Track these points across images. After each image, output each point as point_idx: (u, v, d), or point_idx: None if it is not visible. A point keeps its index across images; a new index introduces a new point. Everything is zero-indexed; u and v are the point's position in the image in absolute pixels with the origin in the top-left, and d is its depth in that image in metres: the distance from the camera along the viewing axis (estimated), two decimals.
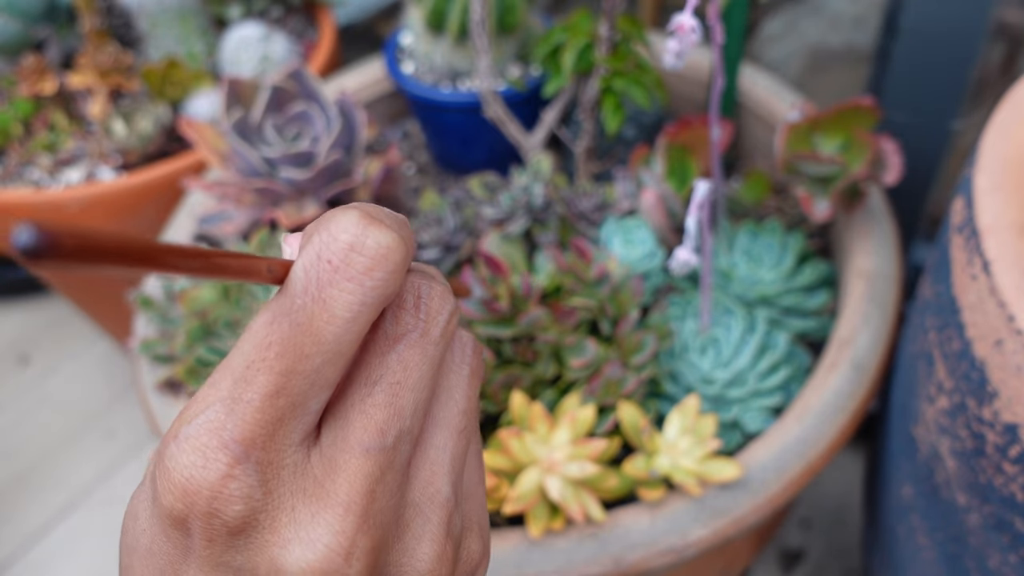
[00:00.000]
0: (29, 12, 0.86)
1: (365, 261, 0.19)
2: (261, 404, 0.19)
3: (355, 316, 0.19)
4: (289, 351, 0.19)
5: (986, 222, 0.41)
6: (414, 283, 0.22)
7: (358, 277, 0.19)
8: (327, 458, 0.20)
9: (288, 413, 0.19)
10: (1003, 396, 0.38)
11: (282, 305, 0.19)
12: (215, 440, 0.19)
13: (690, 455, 0.48)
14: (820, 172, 0.56)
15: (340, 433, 0.20)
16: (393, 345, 0.21)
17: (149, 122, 0.81)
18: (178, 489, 0.19)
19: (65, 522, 0.96)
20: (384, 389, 0.20)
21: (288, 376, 0.19)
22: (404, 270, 0.20)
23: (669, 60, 0.41)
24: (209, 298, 0.57)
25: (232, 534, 0.19)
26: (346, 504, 0.19)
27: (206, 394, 0.19)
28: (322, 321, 0.19)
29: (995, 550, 0.41)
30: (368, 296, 0.19)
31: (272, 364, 0.19)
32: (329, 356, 0.19)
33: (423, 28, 0.68)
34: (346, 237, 0.19)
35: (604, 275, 0.54)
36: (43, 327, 1.17)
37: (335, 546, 0.19)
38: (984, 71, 0.85)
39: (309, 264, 0.19)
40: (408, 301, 0.21)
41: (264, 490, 0.19)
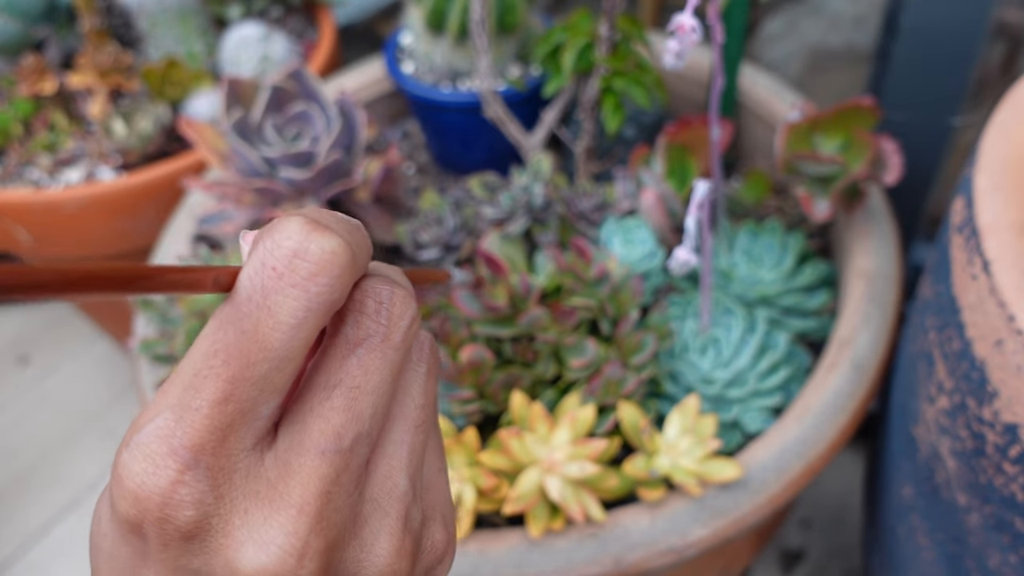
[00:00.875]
0: (29, 12, 0.86)
1: (309, 267, 0.19)
2: (209, 411, 0.19)
3: (300, 322, 0.19)
4: (235, 358, 0.19)
5: (986, 222, 0.41)
6: (375, 287, 0.22)
7: (302, 283, 0.19)
8: (282, 461, 0.20)
9: (238, 419, 0.19)
10: (1003, 396, 0.38)
11: (228, 313, 0.19)
12: (164, 447, 0.19)
13: (690, 455, 0.48)
14: (820, 172, 0.56)
15: (297, 437, 0.20)
16: (353, 349, 0.21)
17: (149, 122, 0.81)
18: (131, 496, 0.19)
19: (65, 522, 0.96)
20: (343, 393, 0.21)
21: (235, 383, 0.19)
22: (351, 275, 0.20)
23: (669, 60, 0.41)
24: (209, 298, 0.57)
25: (186, 539, 0.19)
26: (299, 506, 0.19)
27: (156, 402, 0.20)
28: (268, 327, 0.19)
29: (995, 550, 0.41)
30: (313, 302, 0.19)
31: (219, 371, 0.19)
32: (276, 362, 0.19)
33: (423, 28, 0.68)
34: (290, 244, 0.19)
35: (604, 275, 0.54)
36: (43, 327, 1.17)
37: (287, 547, 0.19)
38: (984, 71, 0.85)
39: (254, 272, 0.19)
40: (369, 306, 0.21)
41: (216, 495, 0.19)
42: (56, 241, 0.81)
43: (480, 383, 0.51)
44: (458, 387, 0.52)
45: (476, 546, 0.48)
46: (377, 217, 0.66)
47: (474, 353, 0.50)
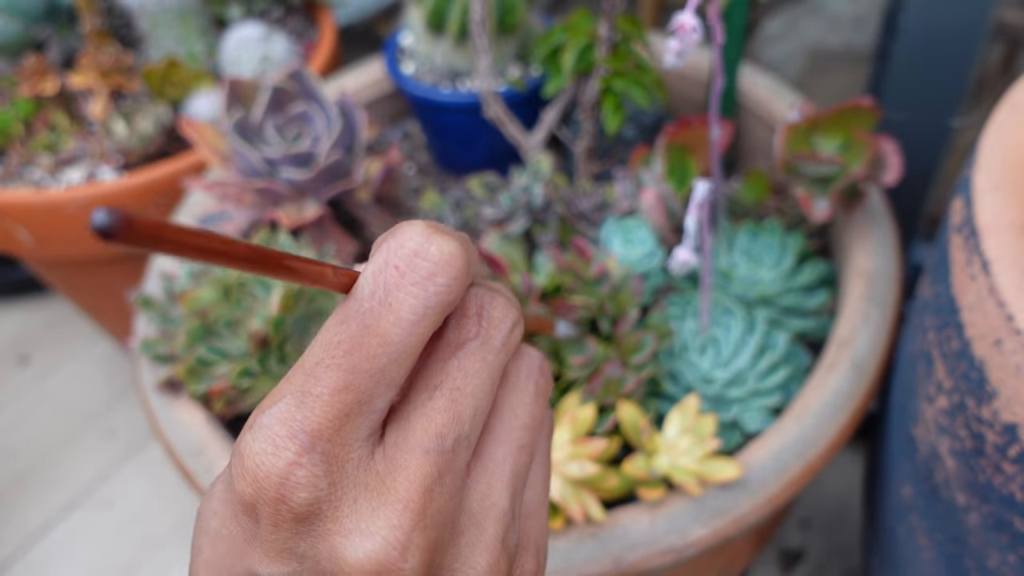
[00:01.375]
0: (30, 12, 0.86)
1: (429, 266, 0.20)
2: (329, 398, 0.20)
3: (419, 319, 0.20)
4: (356, 350, 0.20)
5: (985, 222, 0.41)
6: (477, 294, 0.23)
7: (422, 282, 0.20)
8: (389, 457, 0.21)
9: (354, 409, 0.20)
10: (1002, 396, 0.38)
11: (351, 308, 0.20)
12: (285, 430, 0.20)
13: (690, 455, 0.48)
14: (820, 172, 0.57)
15: (402, 434, 0.21)
16: (454, 352, 0.22)
17: (149, 122, 0.81)
18: (250, 475, 0.20)
19: (65, 522, 0.96)
20: (444, 394, 0.21)
21: (355, 373, 0.20)
22: (466, 277, 0.21)
23: (670, 59, 0.41)
24: (209, 298, 0.57)
25: (297, 521, 0.20)
26: (405, 501, 0.20)
27: (280, 388, 0.21)
28: (388, 323, 0.20)
29: (994, 550, 0.41)
30: (432, 300, 0.20)
31: (340, 362, 0.20)
32: (394, 356, 0.20)
33: (423, 28, 0.68)
34: (411, 244, 0.20)
35: (604, 274, 0.54)
36: (43, 327, 1.17)
37: (392, 540, 0.20)
38: (984, 71, 0.85)
39: (377, 269, 0.20)
40: (470, 310, 0.22)
41: (329, 480, 0.20)
42: (57, 241, 0.81)
43: None
44: None
45: None
46: (377, 217, 0.66)
47: None
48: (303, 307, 0.56)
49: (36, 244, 0.82)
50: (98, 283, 0.90)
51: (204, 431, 0.56)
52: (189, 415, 0.57)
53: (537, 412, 0.24)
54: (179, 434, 0.56)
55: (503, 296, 0.23)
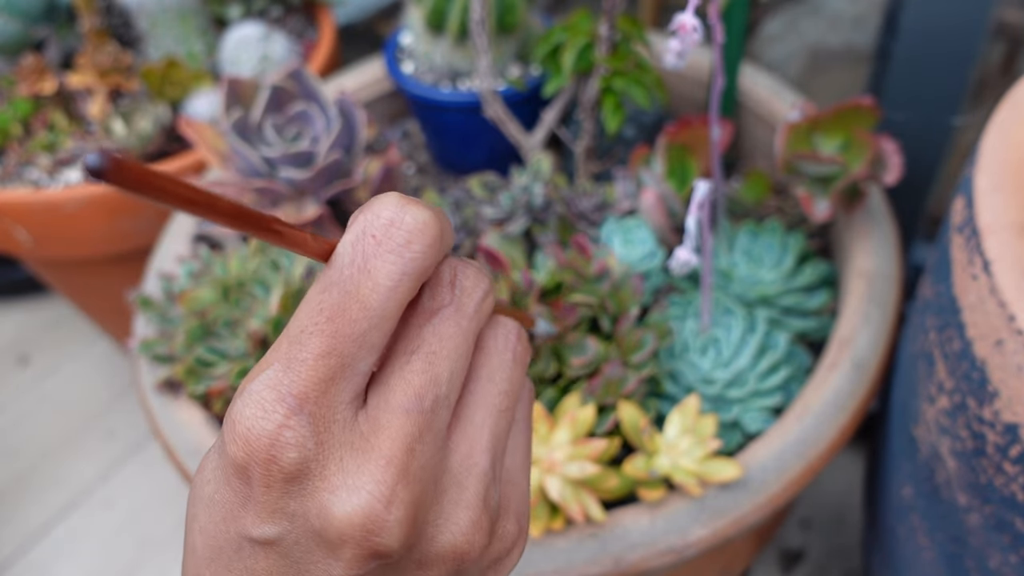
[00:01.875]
0: (29, 12, 0.85)
1: (404, 234, 0.21)
2: (314, 363, 0.21)
3: (396, 284, 0.21)
4: (338, 316, 0.21)
5: (986, 222, 0.40)
6: (450, 264, 0.24)
7: (398, 249, 0.21)
8: (371, 418, 0.22)
9: (338, 372, 0.21)
10: (1003, 396, 0.38)
11: (331, 276, 0.21)
12: (273, 394, 0.21)
13: (690, 455, 0.48)
14: (820, 172, 0.56)
15: (383, 397, 0.22)
16: (429, 318, 0.23)
17: (148, 122, 0.81)
18: (240, 439, 0.21)
19: (65, 522, 0.96)
20: (421, 358, 0.22)
21: (337, 338, 0.21)
22: (439, 244, 0.22)
23: (671, 59, 0.41)
24: (209, 298, 0.57)
25: (287, 480, 0.21)
26: (388, 457, 0.21)
27: (267, 356, 0.22)
28: (367, 289, 0.21)
29: (995, 550, 0.41)
30: (408, 266, 0.21)
31: (323, 327, 0.21)
32: (375, 321, 0.21)
33: (423, 28, 0.68)
34: (387, 214, 0.21)
35: (604, 271, 0.54)
36: (43, 327, 1.17)
37: (377, 494, 0.21)
38: (984, 71, 0.85)
39: (355, 238, 0.21)
40: (444, 278, 0.23)
41: (316, 440, 0.21)
42: (56, 241, 0.81)
43: None
44: None
45: None
46: None
47: None
48: None
49: (35, 244, 0.81)
50: (97, 283, 0.90)
51: (203, 431, 0.55)
52: (188, 415, 0.57)
53: (516, 378, 0.25)
54: (178, 434, 0.56)
55: (474, 267, 0.24)
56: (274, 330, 0.54)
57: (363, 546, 0.21)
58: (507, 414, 0.25)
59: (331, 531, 0.21)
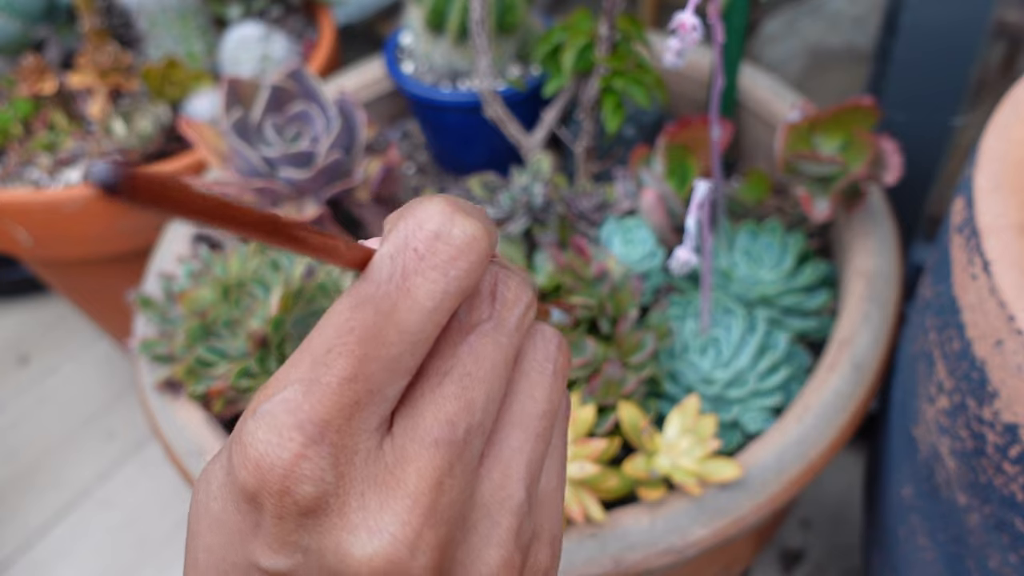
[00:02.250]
0: (29, 12, 0.85)
1: (450, 251, 0.19)
2: (339, 387, 0.19)
3: (437, 306, 0.19)
4: (370, 337, 0.19)
5: (986, 222, 0.40)
6: (491, 272, 0.22)
7: (442, 266, 0.19)
8: (398, 447, 0.20)
9: (365, 399, 0.19)
10: (1003, 396, 0.38)
11: (365, 291, 0.19)
12: (291, 419, 0.19)
13: (690, 455, 0.48)
14: (820, 172, 0.56)
15: (411, 423, 0.20)
16: (466, 335, 0.21)
17: (149, 122, 0.81)
18: (252, 464, 0.19)
19: (65, 522, 0.96)
20: (455, 380, 0.20)
21: (367, 362, 0.19)
22: (487, 261, 0.20)
23: (670, 59, 0.41)
24: (209, 298, 0.57)
25: (302, 514, 0.19)
26: (415, 496, 0.19)
27: (286, 373, 0.19)
28: (405, 309, 0.19)
29: (995, 550, 0.41)
30: (451, 286, 0.19)
31: (352, 349, 0.19)
32: (409, 345, 0.19)
33: (423, 28, 0.68)
34: (432, 225, 0.19)
35: (603, 273, 0.54)
36: (43, 327, 1.17)
37: (401, 537, 0.19)
38: (984, 71, 0.85)
39: (395, 251, 0.19)
40: (483, 290, 0.21)
41: (336, 473, 0.19)
42: (56, 241, 0.81)
43: None
44: None
45: None
46: (377, 217, 0.66)
47: None
48: (302, 307, 0.56)
49: (35, 244, 0.81)
50: (97, 283, 0.90)
51: (203, 431, 0.55)
52: (188, 415, 0.57)
53: (555, 396, 0.23)
54: (178, 434, 0.56)
55: (517, 276, 0.22)
56: (274, 330, 0.54)
57: None
58: (545, 436, 0.22)
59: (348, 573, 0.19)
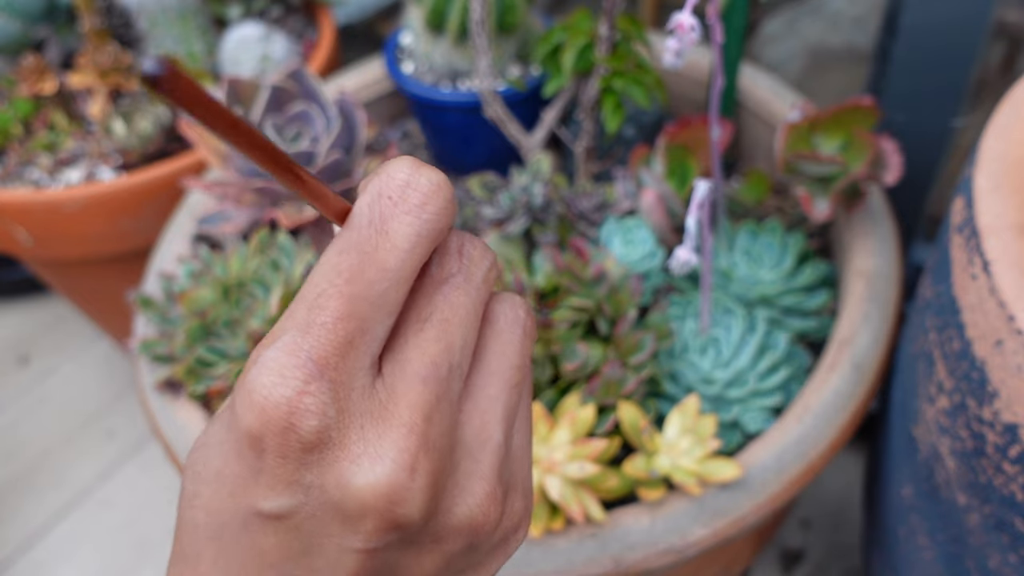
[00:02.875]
0: (29, 12, 0.86)
1: (420, 196, 0.21)
2: (334, 326, 0.20)
3: (413, 245, 0.21)
4: (357, 277, 0.21)
5: (986, 222, 0.40)
6: (457, 234, 0.24)
7: (414, 210, 0.21)
8: (389, 386, 0.21)
9: (358, 336, 0.21)
10: (1003, 396, 0.38)
11: (349, 238, 0.21)
12: (292, 360, 0.20)
13: (690, 455, 0.48)
14: (820, 172, 0.56)
15: (399, 365, 0.22)
16: (439, 286, 0.23)
17: (149, 122, 0.81)
18: (256, 407, 0.20)
19: (65, 522, 0.96)
20: (434, 325, 0.22)
21: (357, 300, 0.21)
22: (452, 208, 0.22)
23: (669, 59, 0.41)
24: (209, 298, 0.57)
25: (305, 450, 0.20)
26: (409, 425, 0.21)
27: (283, 323, 0.21)
28: (385, 250, 0.21)
29: (995, 550, 0.41)
30: (424, 227, 0.21)
31: (342, 289, 0.21)
32: (392, 282, 0.21)
33: (423, 28, 0.68)
34: (402, 176, 0.21)
35: (601, 274, 0.54)
36: (43, 327, 1.17)
37: (401, 461, 0.20)
38: (984, 71, 0.85)
39: (372, 200, 0.21)
40: (452, 247, 0.24)
41: (337, 407, 0.20)
42: (56, 241, 0.81)
43: None
44: None
45: None
46: None
47: None
48: None
49: (35, 244, 0.81)
50: (97, 283, 0.90)
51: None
52: (188, 415, 0.57)
53: (526, 352, 0.25)
54: (178, 434, 0.56)
55: (479, 239, 0.25)
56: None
57: (385, 517, 0.20)
58: (518, 389, 0.25)
59: (352, 502, 0.20)
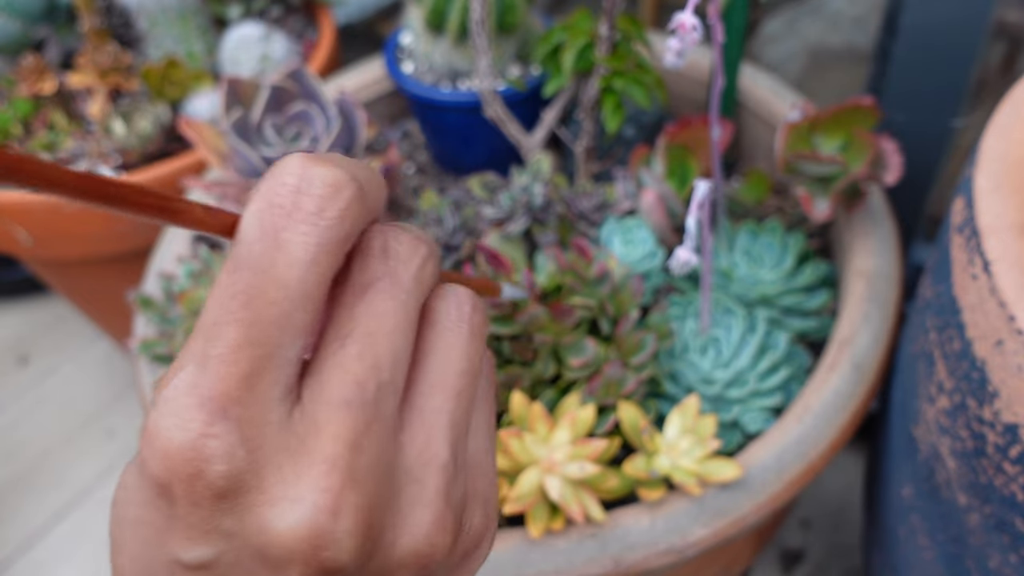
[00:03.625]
0: (29, 12, 0.85)
1: (314, 200, 0.19)
2: (233, 357, 0.18)
3: (314, 257, 0.19)
4: (254, 300, 0.18)
5: (986, 222, 0.40)
6: (381, 230, 0.21)
7: (310, 217, 0.19)
8: (309, 416, 0.19)
9: (263, 364, 0.18)
10: (1003, 396, 0.38)
11: (240, 255, 0.19)
12: (190, 400, 0.18)
13: (690, 455, 0.48)
14: (820, 172, 0.56)
15: (318, 389, 0.19)
16: (361, 294, 0.20)
17: (148, 122, 0.81)
18: (159, 453, 0.18)
19: (65, 522, 0.96)
20: (356, 340, 0.20)
21: (256, 326, 0.18)
22: (360, 209, 0.20)
23: (670, 59, 0.41)
24: None
25: (217, 497, 0.18)
26: (331, 460, 0.19)
27: (181, 356, 0.19)
28: (283, 266, 0.19)
29: (995, 550, 0.41)
30: (324, 235, 0.19)
31: (239, 315, 0.18)
32: (296, 300, 0.19)
33: (423, 28, 0.68)
34: (292, 180, 0.19)
35: (605, 274, 0.54)
36: (43, 327, 1.17)
37: (321, 504, 0.18)
38: (984, 71, 0.85)
39: (260, 211, 0.19)
40: (374, 247, 0.21)
41: (247, 448, 0.18)
42: (56, 241, 0.81)
43: None
44: None
45: None
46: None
47: None
48: None
49: (35, 244, 0.81)
50: (97, 283, 0.90)
51: None
52: None
53: (474, 353, 0.22)
54: None
55: (410, 232, 0.22)
56: None
57: (311, 564, 0.18)
58: (467, 394, 0.22)
59: (274, 549, 0.18)
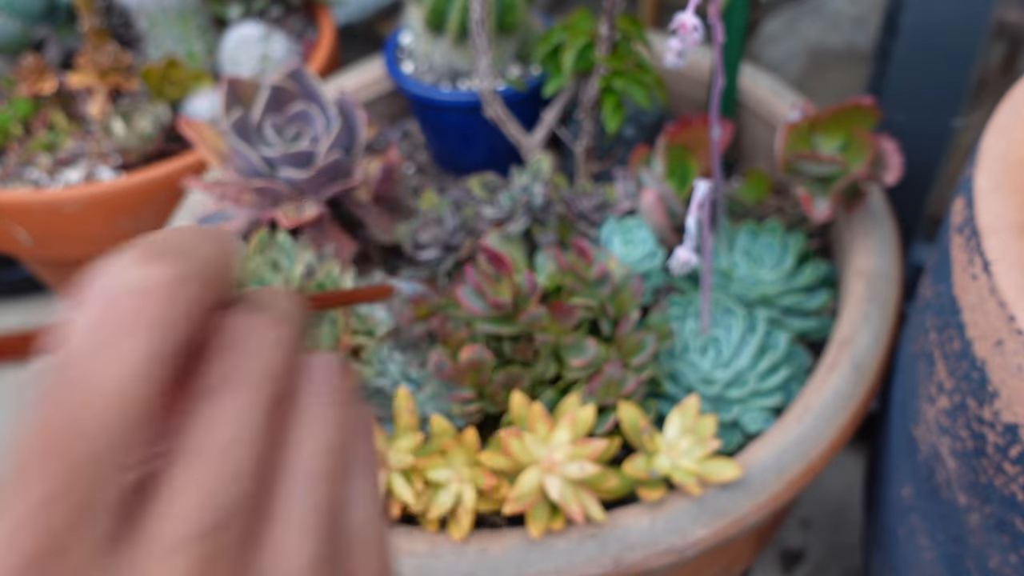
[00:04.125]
0: (29, 12, 0.85)
1: (127, 315, 0.16)
2: (44, 513, 0.15)
3: (134, 374, 0.16)
4: (61, 442, 0.15)
5: (987, 222, 0.40)
6: (225, 322, 0.18)
7: (123, 336, 0.16)
8: (141, 566, 0.16)
9: (78, 516, 0.15)
10: (1003, 396, 0.38)
11: (45, 384, 0.16)
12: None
13: (690, 455, 0.48)
14: (820, 172, 0.56)
15: (154, 525, 0.16)
16: (203, 402, 0.17)
17: (148, 122, 0.81)
18: None
19: None
20: (194, 463, 0.17)
21: (63, 475, 0.15)
22: (187, 309, 0.17)
23: (671, 59, 0.41)
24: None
25: None
26: None
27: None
28: (94, 397, 0.16)
29: (995, 550, 0.41)
30: (138, 368, 0.16)
31: (38, 470, 0.15)
32: (108, 442, 0.15)
33: (423, 28, 0.68)
34: (99, 294, 0.16)
35: (605, 275, 0.54)
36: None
37: None
38: (984, 71, 0.85)
39: (69, 332, 0.16)
40: (217, 343, 0.18)
41: None
42: (56, 241, 0.81)
43: (480, 383, 0.51)
44: (458, 387, 0.52)
45: (476, 546, 0.48)
46: (377, 217, 0.66)
47: (474, 353, 0.50)
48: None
49: (35, 244, 0.81)
50: None
51: None
52: None
53: (340, 424, 0.20)
54: None
55: (259, 313, 0.19)
56: None
57: None
58: (336, 472, 0.19)
59: None
